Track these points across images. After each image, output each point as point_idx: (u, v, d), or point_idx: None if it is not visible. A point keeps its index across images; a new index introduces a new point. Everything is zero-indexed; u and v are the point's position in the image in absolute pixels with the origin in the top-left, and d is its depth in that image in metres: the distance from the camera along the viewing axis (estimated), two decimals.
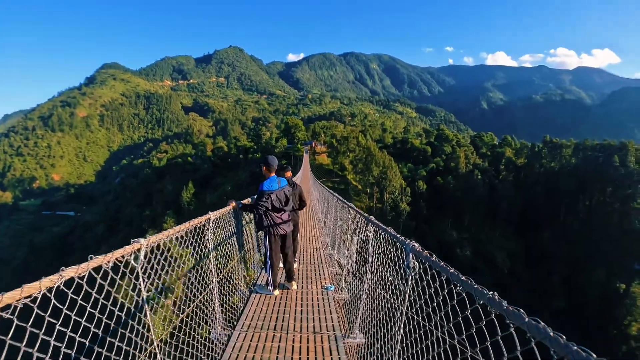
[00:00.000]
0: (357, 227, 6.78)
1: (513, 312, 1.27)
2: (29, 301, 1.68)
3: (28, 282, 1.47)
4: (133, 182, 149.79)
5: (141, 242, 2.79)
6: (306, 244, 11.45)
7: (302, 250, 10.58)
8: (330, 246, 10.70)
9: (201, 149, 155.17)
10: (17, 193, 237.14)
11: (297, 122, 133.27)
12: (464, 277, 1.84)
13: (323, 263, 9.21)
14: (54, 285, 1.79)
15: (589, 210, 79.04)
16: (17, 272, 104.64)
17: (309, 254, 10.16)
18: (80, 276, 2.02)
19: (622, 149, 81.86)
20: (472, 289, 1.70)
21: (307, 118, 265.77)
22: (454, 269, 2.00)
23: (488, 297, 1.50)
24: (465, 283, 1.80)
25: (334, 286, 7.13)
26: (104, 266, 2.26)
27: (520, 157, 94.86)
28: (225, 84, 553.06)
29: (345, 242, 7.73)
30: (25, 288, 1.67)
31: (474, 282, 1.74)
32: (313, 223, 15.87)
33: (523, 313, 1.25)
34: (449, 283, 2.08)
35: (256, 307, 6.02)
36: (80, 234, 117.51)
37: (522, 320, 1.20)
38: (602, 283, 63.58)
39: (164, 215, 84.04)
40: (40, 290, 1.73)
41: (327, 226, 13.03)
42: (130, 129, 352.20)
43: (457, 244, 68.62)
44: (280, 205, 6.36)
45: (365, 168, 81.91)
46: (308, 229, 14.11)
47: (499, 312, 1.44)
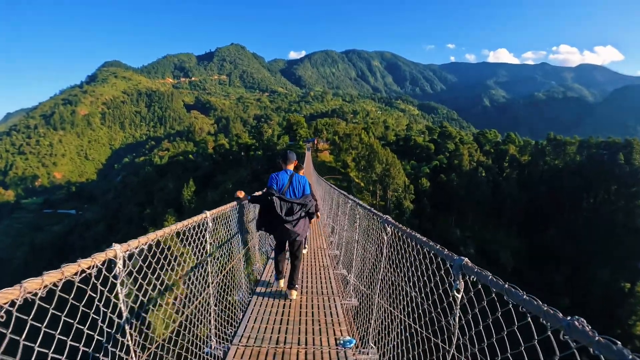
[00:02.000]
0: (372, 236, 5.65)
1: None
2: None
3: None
4: (134, 180, 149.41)
5: (116, 248, 2.33)
6: (310, 259, 9.14)
7: (305, 267, 8.23)
8: (343, 264, 8.32)
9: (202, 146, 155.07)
10: (19, 191, 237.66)
11: (299, 119, 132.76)
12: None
13: (334, 293, 6.69)
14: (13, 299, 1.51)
15: (594, 209, 78.24)
16: (17, 272, 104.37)
17: (313, 276, 7.69)
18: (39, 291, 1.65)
19: (627, 147, 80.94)
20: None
21: (309, 115, 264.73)
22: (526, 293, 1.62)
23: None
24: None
25: (354, 339, 4.87)
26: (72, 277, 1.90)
27: (524, 155, 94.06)
28: (227, 81, 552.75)
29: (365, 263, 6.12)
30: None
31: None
32: (318, 229, 13.53)
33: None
34: (502, 303, 1.80)
35: (256, 316, 5.50)
36: (80, 233, 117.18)
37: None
38: (607, 282, 62.75)
39: (165, 213, 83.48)
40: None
41: (337, 233, 10.87)
42: (132, 127, 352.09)
43: (461, 243, 67.97)
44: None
45: (368, 165, 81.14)
46: (312, 238, 11.61)
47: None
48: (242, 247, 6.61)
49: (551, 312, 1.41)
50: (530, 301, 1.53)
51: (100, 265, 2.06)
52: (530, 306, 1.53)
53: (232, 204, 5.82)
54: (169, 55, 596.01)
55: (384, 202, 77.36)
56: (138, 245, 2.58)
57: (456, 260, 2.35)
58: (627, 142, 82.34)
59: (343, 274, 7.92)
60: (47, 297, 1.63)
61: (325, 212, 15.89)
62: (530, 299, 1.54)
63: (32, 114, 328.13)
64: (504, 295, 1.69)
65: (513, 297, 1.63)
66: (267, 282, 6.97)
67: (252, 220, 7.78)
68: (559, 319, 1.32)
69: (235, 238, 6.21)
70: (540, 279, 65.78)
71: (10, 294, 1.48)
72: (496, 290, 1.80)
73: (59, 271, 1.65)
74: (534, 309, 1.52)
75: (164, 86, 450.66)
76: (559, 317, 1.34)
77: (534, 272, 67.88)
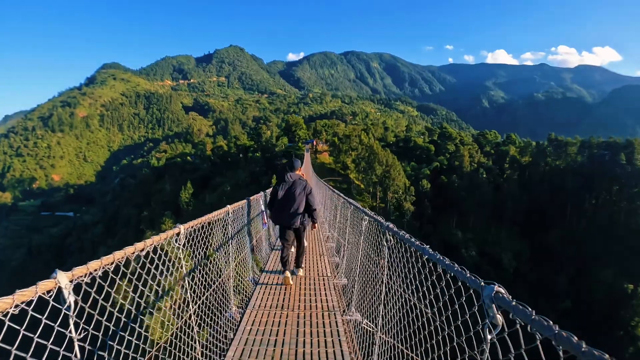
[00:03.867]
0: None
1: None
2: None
3: (25, 285, 1.38)
4: (132, 182, 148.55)
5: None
6: (305, 284, 7.41)
7: (298, 293, 6.85)
8: (354, 304, 6.05)
9: (201, 148, 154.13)
10: (17, 194, 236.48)
11: (298, 120, 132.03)
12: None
13: (340, 332, 5.22)
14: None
15: (595, 209, 77.84)
16: (14, 274, 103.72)
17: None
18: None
19: (628, 147, 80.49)
20: None
21: (308, 117, 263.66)
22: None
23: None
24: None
25: None
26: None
27: (524, 156, 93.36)
28: (226, 83, 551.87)
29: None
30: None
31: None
32: (315, 239, 11.75)
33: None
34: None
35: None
36: (78, 236, 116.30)
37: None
38: (609, 283, 62.38)
39: (162, 216, 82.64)
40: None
41: (342, 246, 8.97)
42: (130, 128, 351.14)
43: (462, 245, 67.36)
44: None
45: (368, 167, 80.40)
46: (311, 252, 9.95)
47: None
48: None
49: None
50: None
51: (45, 296, 1.78)
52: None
53: (216, 213, 5.42)
54: (167, 57, 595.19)
55: (384, 204, 76.67)
56: (86, 273, 2.05)
57: (486, 289, 1.72)
58: (629, 142, 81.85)
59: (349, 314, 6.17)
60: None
61: (326, 219, 14.66)
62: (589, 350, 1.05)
63: (30, 115, 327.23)
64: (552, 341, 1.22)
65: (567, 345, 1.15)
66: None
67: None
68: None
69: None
70: (542, 281, 65.24)
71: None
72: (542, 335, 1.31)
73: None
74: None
75: (163, 88, 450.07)
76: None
77: (536, 273, 67.33)
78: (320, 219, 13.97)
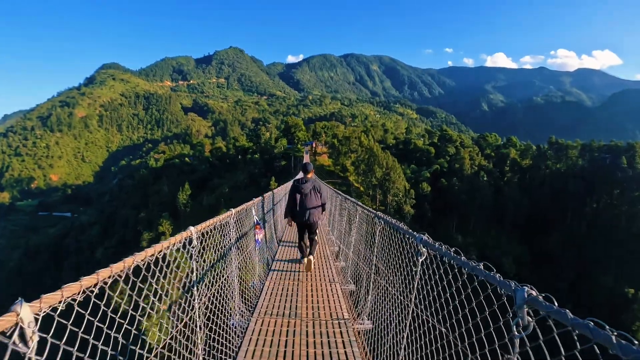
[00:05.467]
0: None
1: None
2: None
3: (21, 285, 1.30)
4: (129, 183, 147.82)
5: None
6: (313, 289, 7.06)
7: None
8: (367, 313, 5.65)
9: (199, 149, 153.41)
10: (15, 193, 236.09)
11: (297, 121, 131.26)
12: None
13: (352, 342, 4.90)
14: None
15: (596, 213, 77.31)
16: (11, 274, 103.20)
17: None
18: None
19: (629, 150, 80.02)
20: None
21: (307, 119, 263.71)
22: None
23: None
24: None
25: None
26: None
27: (525, 159, 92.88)
28: (226, 84, 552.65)
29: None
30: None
31: None
32: (322, 249, 10.56)
33: None
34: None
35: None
36: (75, 236, 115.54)
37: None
38: (610, 288, 61.93)
39: (160, 217, 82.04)
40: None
41: (350, 259, 8.10)
42: (129, 129, 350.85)
43: (463, 249, 66.27)
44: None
45: (368, 169, 79.84)
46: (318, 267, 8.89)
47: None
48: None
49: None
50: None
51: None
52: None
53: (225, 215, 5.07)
54: (167, 58, 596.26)
55: (384, 206, 76.13)
56: (53, 305, 1.48)
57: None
58: (630, 145, 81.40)
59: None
60: None
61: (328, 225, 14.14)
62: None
63: (29, 115, 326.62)
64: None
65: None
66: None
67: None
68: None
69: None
70: (543, 285, 64.42)
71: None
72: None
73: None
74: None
75: (162, 89, 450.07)
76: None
77: (536, 278, 66.75)
78: (324, 221, 13.97)
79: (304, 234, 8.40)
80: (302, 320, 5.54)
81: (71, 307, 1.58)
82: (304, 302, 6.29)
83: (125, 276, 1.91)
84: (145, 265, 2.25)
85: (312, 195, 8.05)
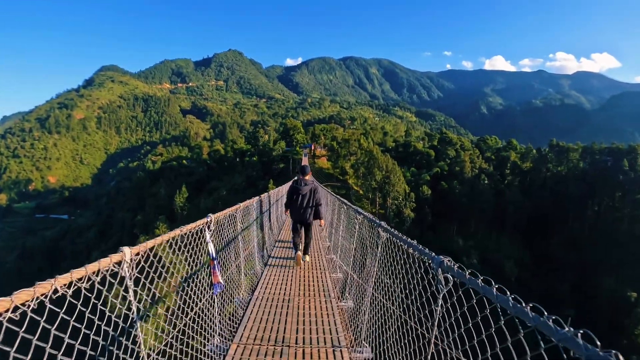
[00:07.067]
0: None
1: None
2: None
3: (17, 287, 1.32)
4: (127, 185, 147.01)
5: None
6: (306, 307, 6.34)
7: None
8: (364, 337, 5.06)
9: (197, 151, 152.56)
10: (13, 195, 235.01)
11: (296, 123, 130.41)
12: None
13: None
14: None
15: (598, 216, 76.79)
16: (8, 277, 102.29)
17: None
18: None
19: (631, 153, 79.41)
20: None
21: (306, 122, 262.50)
22: None
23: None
24: None
25: None
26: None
27: (525, 161, 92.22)
28: (225, 87, 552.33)
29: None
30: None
31: None
32: (315, 249, 10.67)
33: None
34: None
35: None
36: (72, 239, 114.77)
37: None
38: (612, 291, 61.28)
39: (156, 220, 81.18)
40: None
41: (348, 273, 7.30)
42: (127, 131, 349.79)
43: (464, 252, 66.04)
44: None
45: (368, 172, 78.95)
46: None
47: None
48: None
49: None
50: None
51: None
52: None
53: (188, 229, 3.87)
54: (166, 60, 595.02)
55: (384, 210, 75.30)
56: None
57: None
58: (631, 148, 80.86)
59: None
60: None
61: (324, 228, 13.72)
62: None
63: (28, 117, 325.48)
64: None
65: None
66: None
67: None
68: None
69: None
70: (545, 289, 64.04)
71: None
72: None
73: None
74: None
75: (161, 91, 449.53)
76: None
77: (538, 281, 66.16)
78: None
79: (298, 229, 8.97)
80: (290, 347, 4.77)
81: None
82: (294, 324, 5.50)
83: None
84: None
85: (308, 196, 8.80)
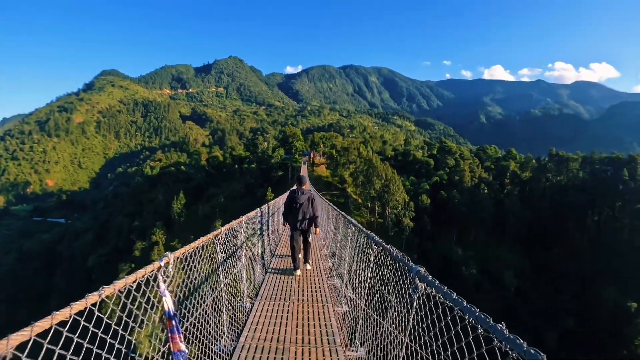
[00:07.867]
0: None
1: None
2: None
3: (14, 290, 1.32)
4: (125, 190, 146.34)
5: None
6: (304, 311, 6.64)
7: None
8: (359, 338, 5.37)
9: (195, 158, 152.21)
10: (10, 197, 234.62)
11: (295, 131, 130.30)
12: None
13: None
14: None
15: (598, 226, 76.36)
16: (4, 280, 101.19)
17: None
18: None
19: (631, 162, 79.22)
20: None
21: (305, 129, 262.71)
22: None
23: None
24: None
25: None
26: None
27: (525, 171, 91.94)
28: (224, 94, 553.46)
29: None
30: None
31: None
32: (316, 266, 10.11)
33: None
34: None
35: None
36: (68, 243, 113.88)
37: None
38: (612, 301, 60.72)
39: (154, 226, 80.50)
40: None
41: (344, 280, 7.43)
42: (127, 136, 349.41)
43: (463, 262, 65.55)
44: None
45: (367, 181, 78.42)
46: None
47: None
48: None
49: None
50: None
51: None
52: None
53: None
54: (167, 66, 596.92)
55: (383, 219, 74.83)
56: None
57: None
58: (631, 157, 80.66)
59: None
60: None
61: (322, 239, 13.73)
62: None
63: (28, 119, 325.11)
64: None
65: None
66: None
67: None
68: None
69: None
70: (544, 299, 63.58)
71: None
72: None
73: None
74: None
75: (161, 97, 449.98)
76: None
77: (538, 291, 65.71)
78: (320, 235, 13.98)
79: (297, 239, 9.06)
80: (291, 345, 5.18)
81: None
82: (294, 326, 5.93)
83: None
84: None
85: (306, 205, 8.90)
